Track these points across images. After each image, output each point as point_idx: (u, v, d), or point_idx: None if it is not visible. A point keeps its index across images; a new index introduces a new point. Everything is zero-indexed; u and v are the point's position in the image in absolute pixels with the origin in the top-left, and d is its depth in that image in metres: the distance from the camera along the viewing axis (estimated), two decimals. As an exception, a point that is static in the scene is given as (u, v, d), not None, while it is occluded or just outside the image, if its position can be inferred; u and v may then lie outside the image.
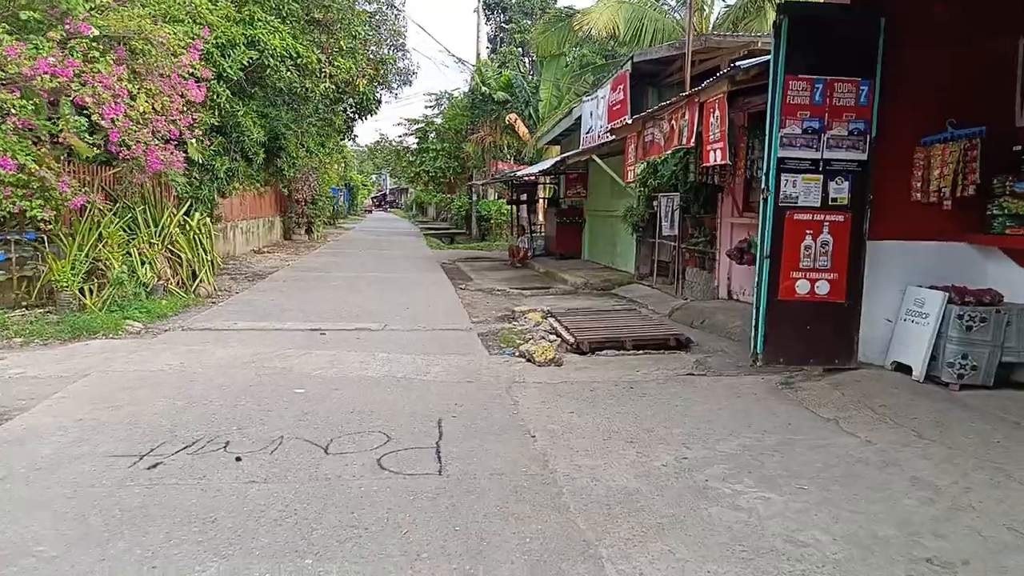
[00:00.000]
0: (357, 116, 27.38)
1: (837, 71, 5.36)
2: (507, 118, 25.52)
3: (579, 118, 15.01)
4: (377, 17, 24.76)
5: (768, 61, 5.62)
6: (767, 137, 5.47)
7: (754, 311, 5.72)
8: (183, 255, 10.26)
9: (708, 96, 6.43)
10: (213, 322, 8.39)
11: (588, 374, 6.13)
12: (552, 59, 24.86)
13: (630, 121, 8.89)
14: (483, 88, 26.95)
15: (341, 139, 29.28)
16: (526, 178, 19.28)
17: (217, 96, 10.88)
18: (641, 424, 4.75)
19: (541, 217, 24.17)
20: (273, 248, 20.96)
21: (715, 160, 6.47)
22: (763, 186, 5.58)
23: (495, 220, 26.52)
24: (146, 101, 8.69)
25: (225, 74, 11.29)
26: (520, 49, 34.53)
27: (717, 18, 21.73)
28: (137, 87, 8.70)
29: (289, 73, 12.85)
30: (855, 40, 5.37)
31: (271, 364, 6.35)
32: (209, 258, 10.92)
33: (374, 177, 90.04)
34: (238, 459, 4.05)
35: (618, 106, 12.31)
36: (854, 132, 5.43)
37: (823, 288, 5.53)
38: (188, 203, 11.14)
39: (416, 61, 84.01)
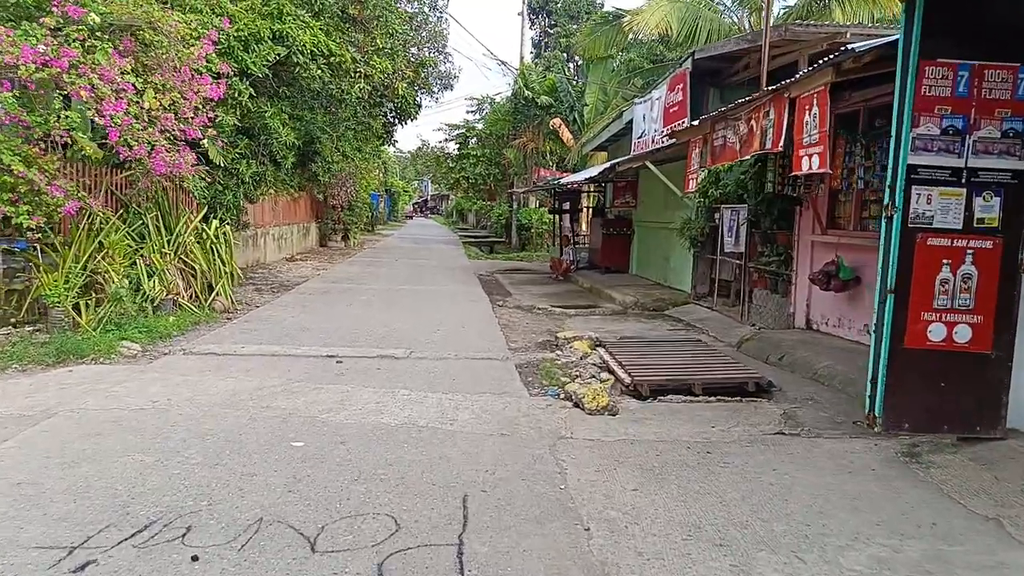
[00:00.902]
0: (397, 120, 26.66)
1: (988, 55, 4.16)
2: (551, 123, 24.48)
3: (629, 122, 13.87)
4: (418, 19, 24.00)
5: (890, 44, 4.43)
6: (892, 139, 4.28)
7: (872, 361, 4.51)
8: (197, 266, 9.42)
9: (803, 90, 5.25)
10: (221, 344, 7.49)
11: (651, 429, 4.99)
12: (599, 62, 23.77)
13: (695, 123, 7.73)
14: (526, 92, 25.95)
15: (380, 144, 28.64)
16: (570, 186, 18.17)
17: (239, 94, 10.06)
18: (730, 514, 3.60)
19: (584, 227, 23.04)
20: (307, 255, 20.25)
21: (810, 168, 5.28)
22: (886, 202, 4.38)
23: (536, 229, 25.46)
24: (154, 97, 7.87)
25: (249, 71, 10.47)
26: (565, 54, 33.48)
27: (776, 18, 20.37)
28: (144, 81, 7.89)
29: (320, 72, 12.01)
30: (1014, 15, 4.16)
31: (272, 403, 5.37)
32: (228, 269, 10.07)
33: (415, 183, 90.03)
34: (195, 558, 3.04)
35: (676, 108, 11.14)
36: (1010, 133, 4.21)
37: (963, 334, 4.31)
38: (205, 209, 10.32)
39: (458, 65, 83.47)
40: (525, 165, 27.34)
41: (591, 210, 20.94)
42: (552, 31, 39.60)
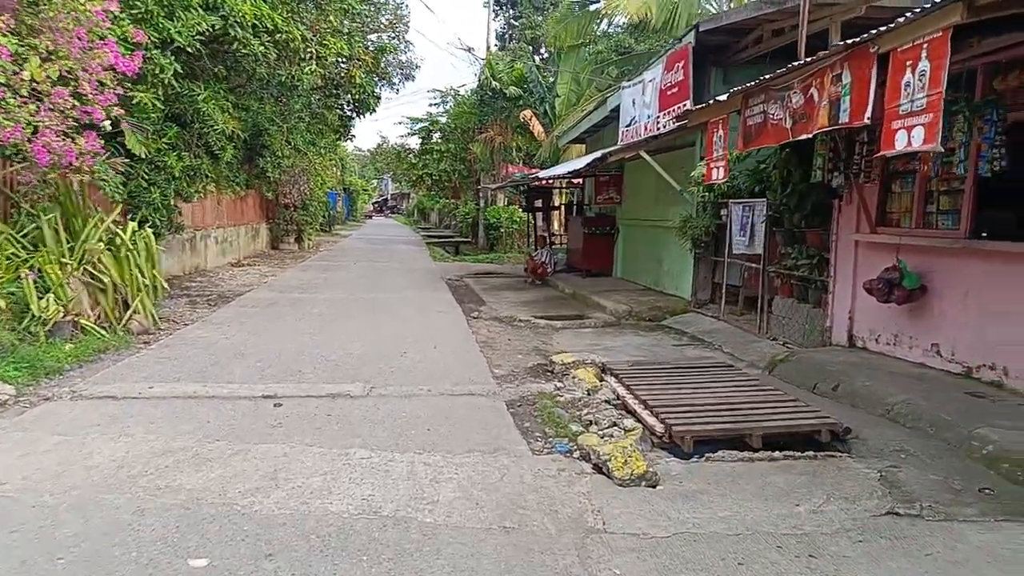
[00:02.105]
0: (355, 113, 24.94)
1: None
2: (521, 115, 23.02)
3: (614, 109, 12.48)
4: (377, 2, 22.27)
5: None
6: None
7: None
8: (108, 278, 7.70)
9: (902, 41, 3.88)
10: (125, 382, 5.83)
11: (715, 511, 3.55)
12: (570, 51, 22.40)
13: (722, 97, 6.32)
14: (493, 83, 24.43)
15: (337, 138, 26.85)
16: (546, 182, 16.75)
17: (160, 70, 8.33)
18: None
19: (557, 226, 21.66)
20: (255, 260, 18.41)
21: (908, 144, 3.91)
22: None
23: (506, 229, 23.95)
24: (39, 66, 6.16)
25: (174, 43, 8.77)
26: (531, 47, 32.03)
27: None
28: (27, 46, 6.19)
29: (264, 50, 10.33)
30: None
31: (174, 480, 3.79)
32: (148, 281, 8.36)
33: (375, 182, 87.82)
34: None
35: (675, 89, 9.78)
36: None
37: None
38: (119, 209, 8.59)
39: (420, 55, 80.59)
40: (492, 161, 25.82)
41: (565, 207, 19.58)
42: (517, 23, 38.14)
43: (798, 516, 3.48)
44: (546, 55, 29.18)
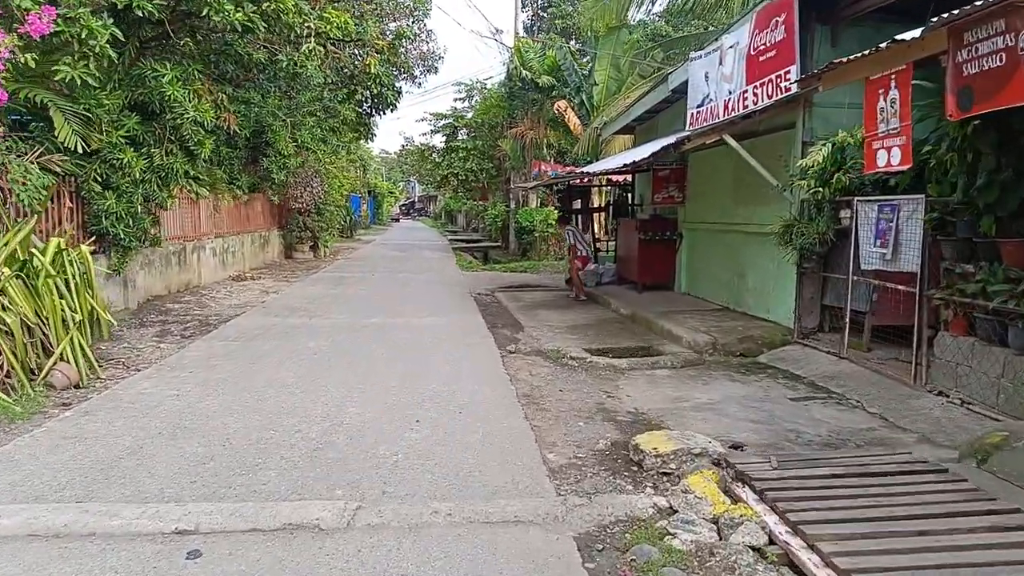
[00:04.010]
0: (374, 110, 22.95)
1: None
2: (555, 106, 20.73)
3: (679, 87, 10.16)
4: (394, -16, 20.18)
5: None
6: None
7: None
8: (12, 317, 5.64)
9: None
10: (-23, 495, 3.73)
11: None
12: (609, 35, 20.05)
13: (915, 33, 4.00)
14: (523, 72, 22.16)
15: (356, 137, 24.87)
16: (586, 180, 14.48)
17: (90, 35, 6.21)
18: None
19: (597, 230, 19.33)
20: (263, 271, 16.42)
21: None
22: None
23: (540, 233, 21.68)
24: None
25: (120, 4, 6.70)
26: (562, 38, 29.74)
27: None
28: None
29: (244, 17, 8.21)
30: None
31: None
32: (81, 316, 6.30)
33: (402, 184, 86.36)
34: None
35: (772, 53, 7.46)
36: None
37: None
38: (35, 221, 6.53)
39: (443, 44, 77.01)
40: (523, 158, 23.55)
41: (610, 208, 17.29)
42: (546, 12, 35.84)
43: None
44: (579, 46, 26.86)
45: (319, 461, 4.29)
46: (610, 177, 18.57)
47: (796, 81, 6.35)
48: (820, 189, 6.96)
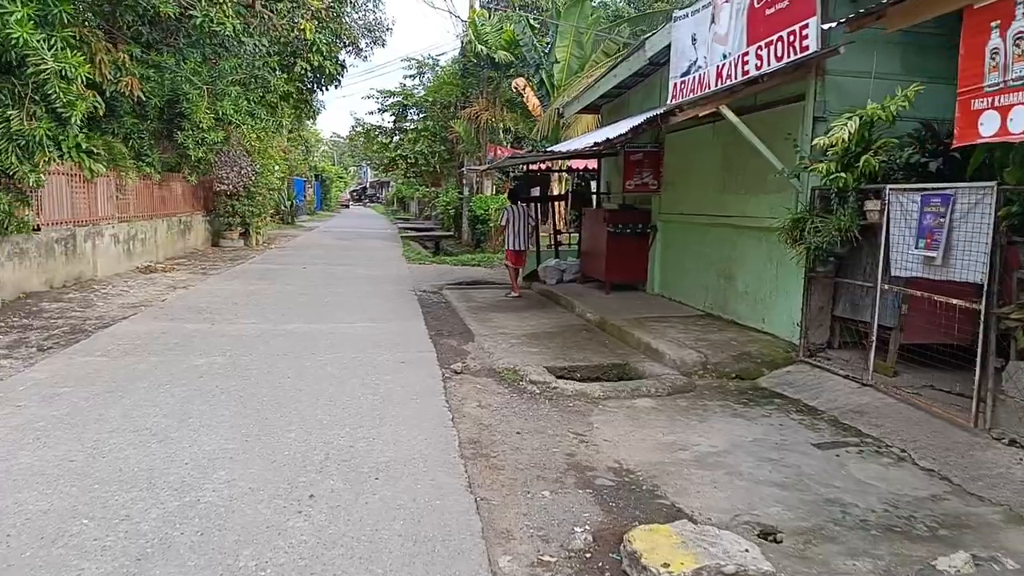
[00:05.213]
0: (316, 85, 20.99)
1: None
2: (513, 84, 19.13)
3: (658, 55, 8.69)
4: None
5: None
6: None
7: None
8: None
9: None
10: None
11: None
12: (572, 6, 18.49)
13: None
14: (479, 47, 20.47)
15: (296, 113, 22.84)
16: (546, 165, 12.95)
17: None
18: None
19: (557, 221, 17.85)
20: (180, 262, 14.43)
21: None
22: None
23: (495, 223, 20.11)
24: None
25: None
26: (522, 12, 28.07)
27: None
28: None
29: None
30: None
31: None
32: None
33: (353, 169, 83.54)
34: None
35: (784, 3, 6.02)
36: None
37: None
38: None
39: (391, 16, 73.19)
40: (478, 141, 21.94)
41: (571, 197, 15.84)
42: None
43: None
44: (539, 20, 25.21)
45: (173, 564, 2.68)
46: (570, 164, 17.14)
47: (844, 21, 4.90)
48: (843, 175, 5.57)
